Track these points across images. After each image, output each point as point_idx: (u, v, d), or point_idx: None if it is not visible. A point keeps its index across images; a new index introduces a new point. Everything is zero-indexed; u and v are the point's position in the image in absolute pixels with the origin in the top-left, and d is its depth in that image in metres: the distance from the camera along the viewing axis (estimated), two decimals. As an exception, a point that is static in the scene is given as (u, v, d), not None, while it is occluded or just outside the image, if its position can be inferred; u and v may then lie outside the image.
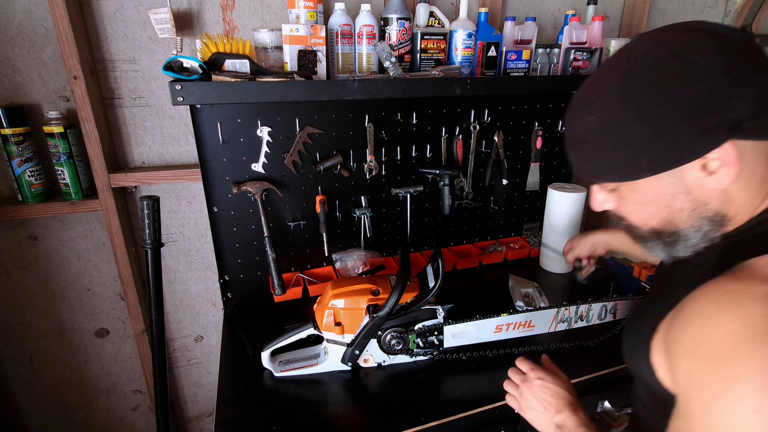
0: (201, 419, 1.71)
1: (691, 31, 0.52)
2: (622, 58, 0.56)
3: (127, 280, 1.35)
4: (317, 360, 1.09)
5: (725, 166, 0.52)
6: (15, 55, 1.15)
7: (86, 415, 1.57)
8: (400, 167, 1.43)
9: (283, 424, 0.93)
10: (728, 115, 0.49)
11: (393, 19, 1.21)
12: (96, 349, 1.49)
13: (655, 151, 0.53)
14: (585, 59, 1.33)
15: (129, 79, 1.25)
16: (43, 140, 1.19)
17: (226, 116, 1.21)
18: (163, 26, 1.12)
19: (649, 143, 0.53)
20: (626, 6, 1.65)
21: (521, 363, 0.85)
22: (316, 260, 1.46)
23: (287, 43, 1.08)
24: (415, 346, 1.09)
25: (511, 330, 1.13)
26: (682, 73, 0.50)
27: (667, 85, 0.51)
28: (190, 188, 1.40)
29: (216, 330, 1.59)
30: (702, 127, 0.50)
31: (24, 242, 1.31)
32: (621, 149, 0.55)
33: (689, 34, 0.52)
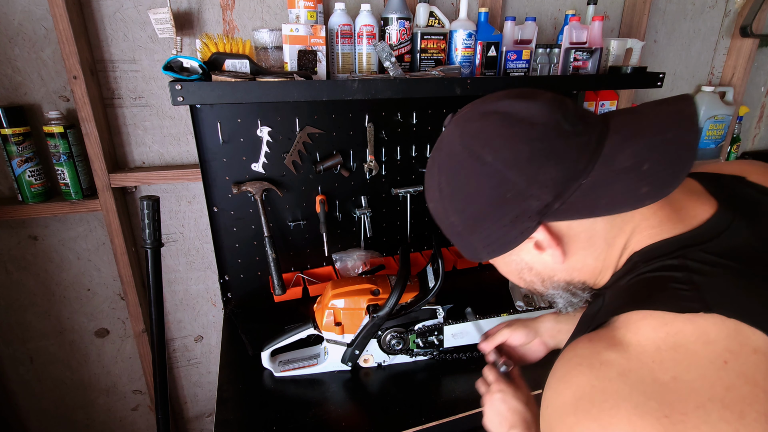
0: (201, 419, 1.71)
1: (484, 117, 0.51)
2: (439, 146, 0.56)
3: (127, 280, 1.35)
4: (317, 360, 1.09)
5: (549, 247, 0.52)
6: (15, 55, 1.15)
7: (86, 415, 1.57)
8: (400, 167, 1.43)
9: (283, 424, 0.93)
10: (530, 204, 0.49)
11: (393, 19, 1.21)
12: (96, 349, 1.49)
13: (481, 241, 0.54)
14: (585, 59, 1.33)
15: (129, 79, 1.25)
16: (43, 140, 1.19)
17: (226, 116, 1.21)
18: (163, 26, 1.12)
19: (471, 235, 0.54)
20: (626, 6, 1.65)
21: (487, 372, 0.83)
22: (316, 260, 1.46)
23: (287, 43, 1.08)
24: (415, 346, 1.09)
25: None
26: (475, 171, 0.50)
27: (467, 183, 0.52)
28: (190, 188, 1.40)
29: (216, 330, 1.59)
30: (508, 219, 0.51)
31: (24, 242, 1.31)
32: (454, 237, 0.57)
33: (481, 123, 0.51)
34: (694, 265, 0.45)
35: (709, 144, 1.92)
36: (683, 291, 0.43)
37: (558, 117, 0.49)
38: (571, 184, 0.48)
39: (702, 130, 1.88)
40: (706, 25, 1.84)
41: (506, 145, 0.49)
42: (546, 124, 0.48)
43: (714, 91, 1.88)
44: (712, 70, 1.94)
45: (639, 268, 0.49)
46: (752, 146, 2.26)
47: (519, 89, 0.54)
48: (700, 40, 1.86)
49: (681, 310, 0.41)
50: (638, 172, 0.46)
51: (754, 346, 0.39)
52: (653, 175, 0.45)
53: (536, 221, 0.50)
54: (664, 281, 0.45)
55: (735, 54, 1.90)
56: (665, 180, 0.45)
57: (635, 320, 0.43)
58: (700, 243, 0.47)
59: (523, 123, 0.49)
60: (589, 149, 0.48)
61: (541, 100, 0.50)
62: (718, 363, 0.38)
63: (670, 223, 0.50)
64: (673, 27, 1.78)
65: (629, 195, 0.46)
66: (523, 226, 0.51)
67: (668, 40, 1.80)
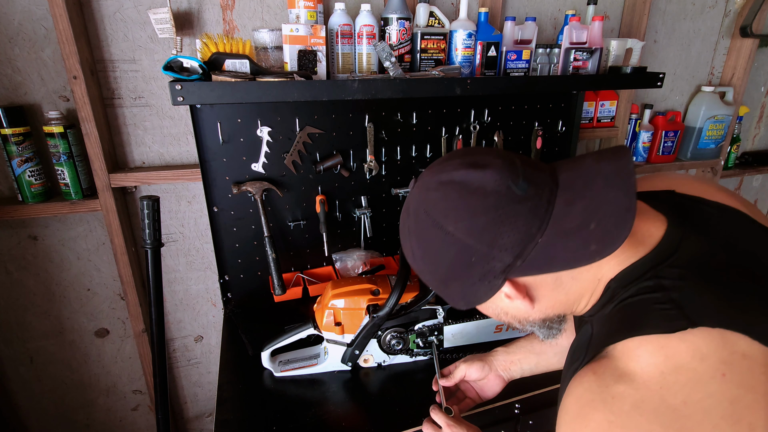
0: (201, 419, 1.71)
1: (443, 187, 0.55)
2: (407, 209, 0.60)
3: (127, 280, 1.35)
4: (317, 360, 1.09)
5: (516, 298, 0.56)
6: (15, 55, 1.15)
7: (86, 415, 1.57)
8: (400, 167, 1.43)
9: (283, 424, 0.93)
10: (493, 265, 0.53)
11: (393, 19, 1.21)
12: (96, 349, 1.49)
13: (456, 294, 0.59)
14: (585, 59, 1.33)
15: (129, 79, 1.25)
16: (43, 140, 1.19)
17: (226, 116, 1.21)
18: (163, 26, 1.12)
19: (446, 289, 0.59)
20: (626, 6, 1.65)
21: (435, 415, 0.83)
22: (316, 260, 1.46)
23: (287, 43, 1.08)
24: (415, 346, 1.09)
25: (511, 330, 1.13)
26: (440, 239, 0.55)
27: (434, 249, 0.56)
28: (190, 188, 1.40)
29: (216, 330, 1.59)
30: (476, 278, 0.55)
31: (24, 242, 1.31)
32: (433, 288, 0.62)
33: (440, 193, 0.55)
34: (668, 282, 0.49)
35: (709, 144, 1.92)
36: (667, 311, 0.46)
37: (509, 183, 0.52)
38: (528, 244, 0.52)
39: (702, 131, 1.89)
40: (706, 25, 1.84)
41: (464, 216, 0.53)
42: (498, 192, 0.52)
43: (714, 91, 1.88)
44: (712, 70, 1.94)
45: (619, 294, 0.52)
46: (752, 146, 2.26)
47: (474, 154, 0.57)
48: (700, 40, 1.86)
49: (671, 330, 0.44)
50: (587, 231, 0.50)
51: (743, 351, 0.42)
52: (600, 234, 0.49)
53: (501, 278, 0.54)
54: (647, 304, 0.48)
55: (735, 54, 1.89)
56: (610, 239, 0.48)
57: (632, 348, 0.46)
58: (664, 260, 0.51)
59: (477, 193, 0.53)
60: (541, 211, 0.52)
61: (492, 168, 0.53)
62: (718, 377, 0.41)
63: (632, 247, 0.53)
64: (673, 27, 1.78)
65: (581, 252, 0.50)
66: (491, 284, 0.55)
67: (668, 40, 1.80)
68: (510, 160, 0.55)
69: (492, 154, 0.56)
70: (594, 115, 1.71)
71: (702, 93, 1.90)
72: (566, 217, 0.51)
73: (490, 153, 0.56)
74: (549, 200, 0.53)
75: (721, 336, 0.43)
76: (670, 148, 1.87)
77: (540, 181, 0.54)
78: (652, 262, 0.51)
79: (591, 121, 1.72)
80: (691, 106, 1.93)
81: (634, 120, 1.78)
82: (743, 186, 2.34)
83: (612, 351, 0.48)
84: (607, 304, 0.54)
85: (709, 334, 0.43)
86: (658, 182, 0.65)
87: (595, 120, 1.72)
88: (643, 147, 1.84)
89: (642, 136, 1.82)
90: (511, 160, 0.55)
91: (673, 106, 1.94)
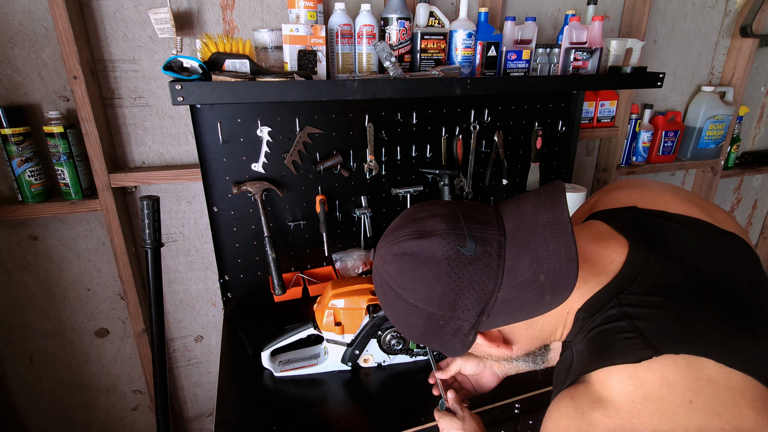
0: (201, 419, 1.71)
1: (397, 260, 0.57)
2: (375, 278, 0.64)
3: (127, 280, 1.35)
4: (317, 360, 1.09)
5: (492, 346, 0.59)
6: (15, 55, 1.15)
7: (86, 415, 1.57)
8: (400, 167, 1.43)
9: (283, 424, 0.93)
10: (461, 324, 0.56)
11: (393, 19, 1.21)
12: (96, 349, 1.49)
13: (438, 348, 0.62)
14: (585, 59, 1.33)
15: (129, 79, 1.25)
16: (43, 140, 1.19)
17: (226, 116, 1.21)
18: (163, 26, 1.12)
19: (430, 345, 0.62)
20: (626, 6, 1.65)
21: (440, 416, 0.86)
22: (316, 260, 1.46)
23: (287, 43, 1.08)
24: (415, 346, 1.09)
25: None
26: (405, 309, 0.58)
27: (404, 317, 0.59)
28: (190, 188, 1.40)
29: (216, 330, 1.59)
30: (449, 336, 0.58)
31: (24, 242, 1.31)
32: None
33: (396, 266, 0.57)
34: (631, 310, 0.50)
35: (709, 144, 1.92)
36: (632, 340, 0.48)
37: (455, 247, 0.54)
38: (488, 300, 0.55)
39: (702, 131, 1.89)
40: (706, 25, 1.84)
41: (421, 287, 0.56)
42: (448, 259, 0.54)
43: (714, 91, 1.88)
44: (712, 70, 1.94)
45: (587, 324, 0.55)
46: (752, 146, 2.26)
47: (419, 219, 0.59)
48: (700, 40, 1.86)
49: (638, 360, 0.46)
50: (538, 283, 0.52)
51: (708, 376, 0.44)
52: (549, 285, 0.52)
53: (473, 334, 0.58)
54: (613, 333, 0.50)
55: (735, 54, 1.90)
56: (560, 289, 0.51)
57: (604, 377, 0.48)
58: (626, 287, 0.53)
59: (428, 262, 0.55)
60: (494, 267, 0.54)
61: (438, 235, 0.55)
62: (685, 405, 0.43)
63: (594, 278, 0.55)
64: (673, 27, 1.78)
65: (537, 302, 0.53)
66: (464, 340, 0.58)
67: (668, 40, 1.80)
68: (455, 219, 0.56)
69: (438, 217, 0.57)
70: (594, 115, 1.71)
71: (702, 93, 1.90)
72: (517, 268, 0.54)
73: (437, 215, 0.58)
74: (499, 254, 0.55)
75: (686, 362, 0.44)
76: (670, 148, 1.87)
77: (488, 237, 0.55)
78: (615, 289, 0.53)
79: (591, 121, 1.72)
80: (691, 106, 1.93)
81: (634, 120, 1.79)
82: (743, 186, 2.34)
83: (587, 378, 0.50)
84: (579, 333, 0.56)
85: (674, 361, 0.45)
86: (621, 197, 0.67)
87: (595, 120, 1.72)
88: (643, 147, 1.84)
89: (642, 136, 1.82)
90: (455, 220, 0.56)
91: (673, 106, 1.94)
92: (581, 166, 1.88)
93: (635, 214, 0.62)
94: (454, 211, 0.58)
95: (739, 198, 2.37)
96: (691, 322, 0.48)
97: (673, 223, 0.59)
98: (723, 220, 0.60)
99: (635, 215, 0.62)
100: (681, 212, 0.60)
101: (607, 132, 1.76)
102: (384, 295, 0.61)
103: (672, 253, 0.55)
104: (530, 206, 0.57)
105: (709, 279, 0.53)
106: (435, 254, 0.55)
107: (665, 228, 0.58)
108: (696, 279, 0.53)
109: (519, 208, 0.58)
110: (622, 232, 0.58)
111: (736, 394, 0.42)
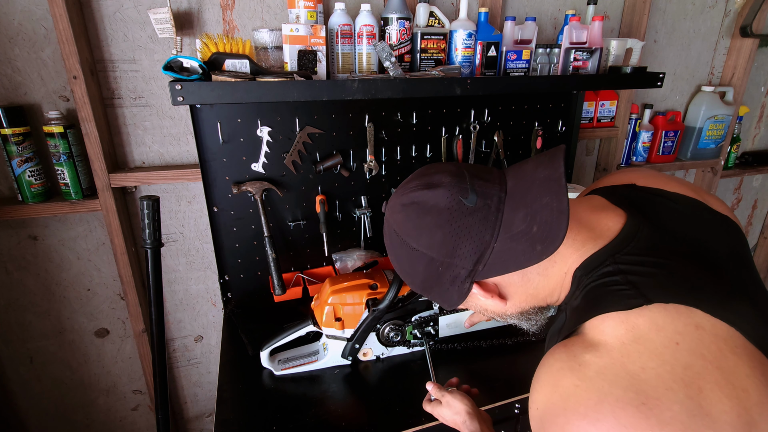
0: (201, 419, 1.71)
1: (404, 209, 0.63)
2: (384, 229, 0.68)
3: (127, 280, 1.35)
4: (317, 356, 1.10)
5: (487, 297, 0.62)
6: (15, 55, 1.15)
7: (86, 415, 1.57)
8: (400, 167, 1.43)
9: (283, 424, 0.93)
10: (458, 272, 0.61)
11: (393, 19, 1.21)
12: (96, 349, 1.49)
13: (436, 298, 0.66)
14: (585, 59, 1.33)
15: (129, 79, 1.25)
16: (43, 140, 1.19)
17: (226, 116, 1.21)
18: (163, 26, 1.12)
19: (428, 294, 0.67)
20: (626, 6, 1.65)
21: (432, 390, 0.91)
22: (316, 260, 1.46)
23: (287, 43, 1.08)
24: (412, 337, 1.11)
25: None
26: (409, 254, 0.63)
27: (407, 263, 0.64)
28: (190, 188, 1.40)
29: (216, 330, 1.59)
30: (447, 284, 0.62)
31: (24, 242, 1.31)
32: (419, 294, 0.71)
33: (402, 214, 0.63)
34: (626, 267, 0.54)
35: (709, 144, 1.92)
36: (625, 291, 0.51)
37: (459, 199, 0.59)
38: (485, 250, 0.59)
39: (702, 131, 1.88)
40: (706, 25, 1.84)
41: (423, 234, 0.61)
42: (450, 209, 0.59)
43: (714, 91, 1.88)
44: (712, 70, 1.94)
45: (584, 281, 0.57)
46: (752, 146, 2.26)
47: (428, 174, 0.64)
48: (700, 40, 1.86)
49: (630, 307, 0.49)
50: (531, 234, 0.56)
51: (696, 322, 0.47)
52: (541, 236, 0.55)
53: (468, 282, 0.61)
54: (608, 286, 0.53)
55: (735, 54, 1.90)
56: (551, 239, 0.54)
57: (597, 324, 0.51)
58: (622, 248, 0.56)
59: (432, 211, 0.60)
60: (491, 220, 0.58)
61: (443, 186, 0.60)
62: (672, 345, 0.45)
63: (591, 241, 0.59)
64: (673, 27, 1.78)
65: (529, 253, 0.56)
66: (461, 288, 0.62)
67: (668, 40, 1.80)
68: (460, 175, 0.61)
69: (445, 172, 0.62)
70: (594, 115, 1.71)
71: (702, 93, 1.90)
72: (513, 221, 0.58)
73: (444, 170, 0.63)
74: (498, 208, 0.59)
75: (676, 310, 0.48)
76: (670, 148, 1.87)
77: (489, 192, 0.60)
78: (612, 251, 0.56)
79: (591, 121, 1.72)
80: (691, 106, 1.93)
81: (634, 120, 1.79)
82: (743, 186, 2.34)
83: (581, 328, 0.53)
84: (576, 291, 0.59)
85: (664, 309, 0.48)
86: (621, 177, 0.71)
87: (595, 120, 1.72)
88: (643, 147, 1.84)
89: (642, 136, 1.82)
90: (461, 175, 0.61)
91: (673, 106, 1.94)
92: (581, 166, 1.88)
93: (633, 191, 0.66)
94: (460, 168, 0.63)
95: (739, 198, 2.37)
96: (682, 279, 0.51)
97: (669, 201, 0.62)
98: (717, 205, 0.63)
99: (633, 192, 0.66)
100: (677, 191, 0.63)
101: (607, 132, 1.76)
102: (391, 243, 0.66)
103: (665, 224, 0.59)
104: (531, 166, 0.62)
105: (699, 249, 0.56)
106: (438, 204, 0.60)
107: (660, 204, 0.62)
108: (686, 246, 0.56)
109: (521, 168, 0.63)
110: (619, 204, 0.62)
111: (720, 340, 0.45)
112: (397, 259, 0.67)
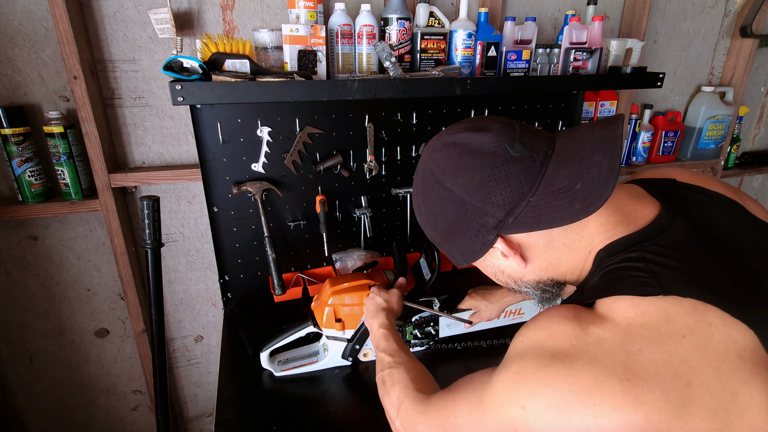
0: (201, 419, 1.71)
1: (446, 148, 0.61)
2: (417, 171, 0.67)
3: (127, 280, 1.35)
4: (317, 357, 1.10)
5: (510, 255, 0.60)
6: (15, 55, 1.15)
7: (86, 415, 1.57)
8: (400, 167, 1.43)
9: (283, 424, 0.93)
10: (487, 220, 0.58)
11: (393, 19, 1.21)
12: (96, 349, 1.49)
13: (456, 250, 0.64)
14: (585, 59, 1.33)
15: (129, 79, 1.25)
16: (43, 140, 1.19)
17: (226, 116, 1.21)
18: (163, 26, 1.12)
19: (447, 245, 0.65)
20: (626, 6, 1.65)
21: None
22: (316, 260, 1.46)
23: (287, 43, 1.08)
24: (413, 338, 1.11)
25: (503, 318, 1.15)
26: (440, 195, 0.61)
27: (436, 204, 0.62)
28: (190, 188, 1.40)
29: (216, 330, 1.59)
30: (472, 233, 0.60)
31: (24, 242, 1.31)
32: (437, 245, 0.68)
33: (443, 153, 0.61)
34: (650, 256, 0.53)
35: (709, 144, 1.92)
36: (644, 278, 0.51)
37: (505, 145, 0.57)
38: (519, 202, 0.56)
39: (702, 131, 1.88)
40: (706, 25, 1.84)
41: (462, 173, 0.59)
42: (494, 153, 0.57)
43: (714, 91, 1.88)
44: (712, 70, 1.94)
45: (605, 263, 0.57)
46: (752, 146, 2.26)
47: (477, 120, 0.63)
48: (700, 40, 1.86)
49: (644, 294, 0.49)
50: (573, 191, 0.54)
51: (710, 320, 0.46)
52: (584, 194, 0.53)
53: (494, 234, 0.59)
54: (628, 270, 0.53)
55: (735, 54, 1.89)
56: (594, 198, 0.53)
57: (610, 303, 0.51)
58: (651, 238, 0.55)
59: (475, 153, 0.58)
60: (533, 172, 0.56)
61: (492, 131, 0.59)
62: (677, 338, 0.45)
63: (623, 225, 0.57)
64: (673, 27, 1.78)
65: (566, 211, 0.54)
66: (485, 239, 0.60)
67: (668, 40, 1.80)
68: (510, 125, 0.60)
69: (495, 120, 0.61)
70: (594, 115, 1.71)
71: (702, 93, 1.90)
72: (557, 177, 0.56)
73: (494, 119, 0.61)
74: (542, 163, 0.57)
75: (692, 305, 0.47)
76: (670, 148, 1.87)
77: (536, 145, 0.58)
78: (640, 238, 0.55)
79: (591, 121, 1.72)
80: (691, 106, 1.93)
81: (634, 120, 1.78)
82: (743, 186, 2.34)
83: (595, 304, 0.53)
84: (596, 271, 0.58)
85: (679, 302, 0.47)
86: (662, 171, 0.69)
87: (596, 120, 1.72)
88: (643, 147, 1.84)
89: (642, 136, 1.82)
90: (511, 126, 0.60)
91: (673, 106, 1.94)
92: (581, 166, 1.88)
93: (672, 185, 0.65)
94: (512, 121, 0.62)
95: (739, 198, 2.37)
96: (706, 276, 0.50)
97: (707, 199, 0.61)
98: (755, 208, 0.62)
99: (672, 186, 0.64)
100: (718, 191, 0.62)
101: (607, 132, 1.75)
102: (423, 183, 0.64)
103: (700, 221, 0.58)
104: (586, 128, 0.60)
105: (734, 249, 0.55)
106: (483, 146, 0.58)
107: (698, 201, 0.61)
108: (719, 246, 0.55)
109: (575, 130, 0.61)
110: (656, 196, 0.61)
111: (730, 341, 0.45)
112: (425, 200, 0.64)
